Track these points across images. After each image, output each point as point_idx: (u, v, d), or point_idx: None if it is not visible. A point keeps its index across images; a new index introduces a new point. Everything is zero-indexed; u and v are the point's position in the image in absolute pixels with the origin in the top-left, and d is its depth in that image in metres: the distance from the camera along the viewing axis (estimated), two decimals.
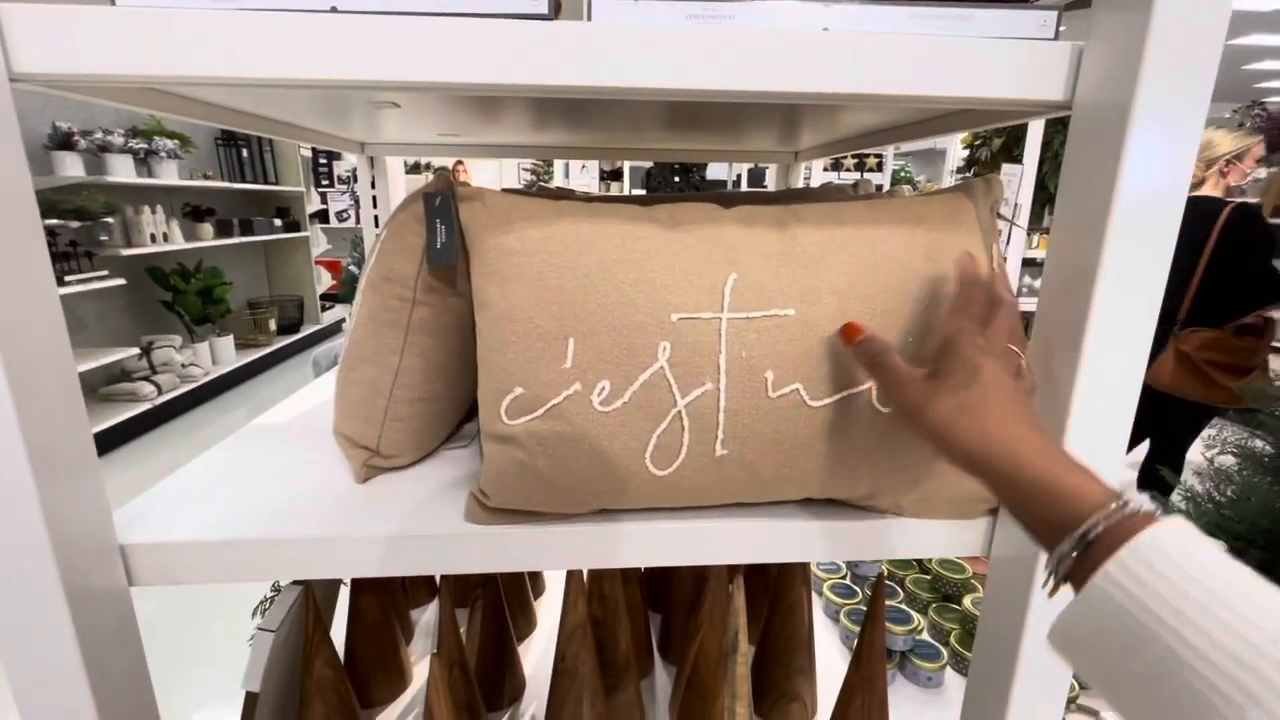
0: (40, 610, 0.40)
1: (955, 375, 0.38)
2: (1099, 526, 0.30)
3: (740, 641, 0.61)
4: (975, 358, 0.38)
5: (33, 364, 0.38)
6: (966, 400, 0.37)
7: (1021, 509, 0.34)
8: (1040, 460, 0.34)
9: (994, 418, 0.36)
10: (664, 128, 0.83)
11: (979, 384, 0.37)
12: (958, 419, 0.37)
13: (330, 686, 0.69)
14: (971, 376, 0.38)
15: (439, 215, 0.52)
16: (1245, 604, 0.26)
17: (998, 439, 0.35)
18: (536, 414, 0.44)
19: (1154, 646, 0.27)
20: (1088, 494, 0.32)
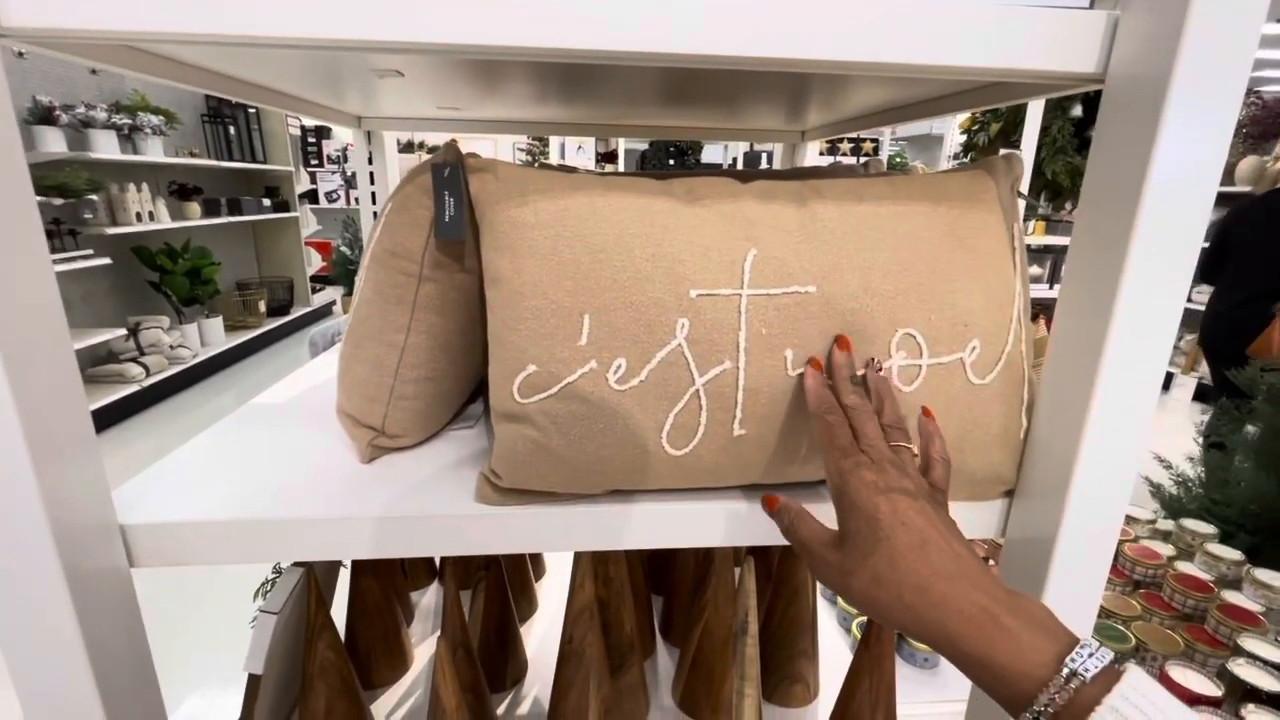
0: (40, 591, 0.38)
1: (857, 535, 0.35)
2: (1049, 709, 0.28)
3: (750, 623, 0.60)
4: (869, 504, 0.35)
5: (28, 341, 0.36)
6: (876, 569, 0.34)
7: (973, 678, 0.32)
8: (971, 630, 0.31)
9: (909, 584, 0.33)
10: (664, 102, 0.81)
11: (883, 542, 0.34)
12: (876, 595, 0.33)
13: (333, 669, 0.69)
14: (873, 533, 0.34)
15: (448, 187, 0.50)
16: None
17: (920, 611, 0.32)
18: (550, 392, 0.43)
19: None
20: (1030, 669, 0.29)
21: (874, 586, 0.33)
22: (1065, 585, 0.47)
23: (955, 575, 0.32)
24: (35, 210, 0.37)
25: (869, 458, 0.37)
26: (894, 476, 0.36)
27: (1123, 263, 0.41)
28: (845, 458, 0.38)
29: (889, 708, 0.64)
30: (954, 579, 0.32)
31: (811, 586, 0.81)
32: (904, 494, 0.35)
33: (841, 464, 0.38)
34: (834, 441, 0.39)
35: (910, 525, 0.34)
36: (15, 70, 3.15)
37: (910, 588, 0.32)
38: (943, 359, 0.46)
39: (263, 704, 0.66)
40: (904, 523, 0.34)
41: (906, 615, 0.32)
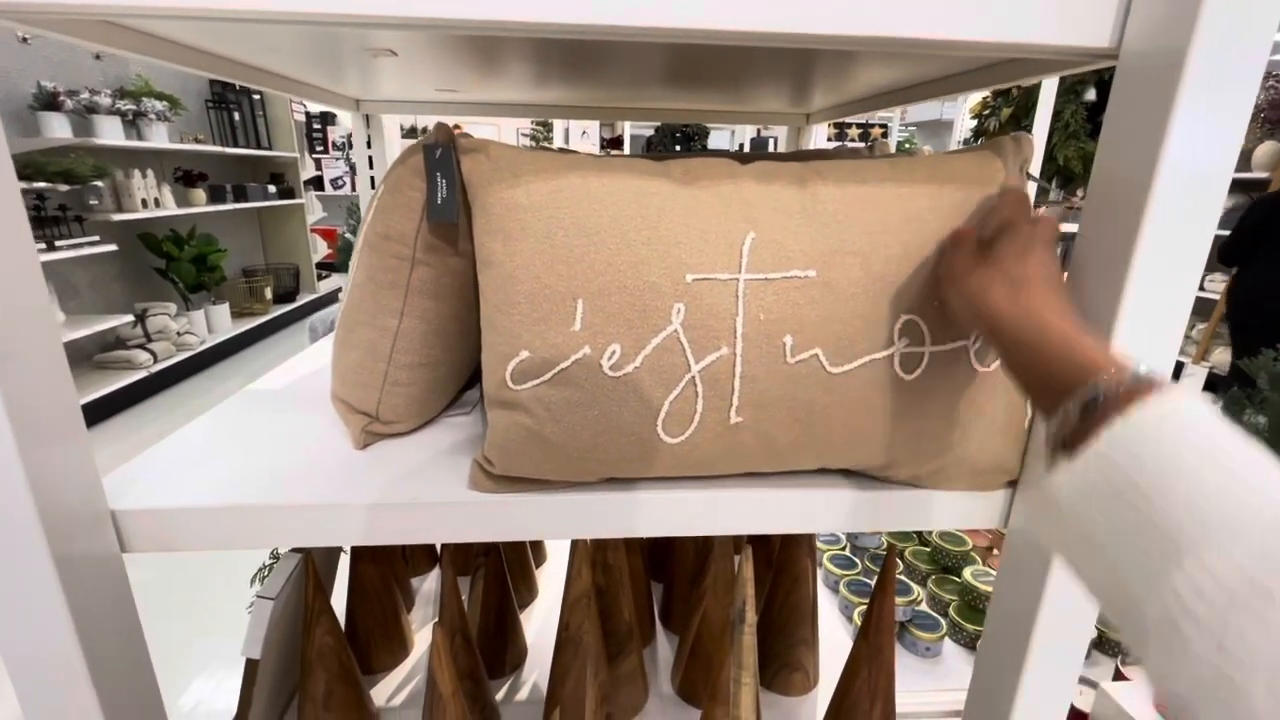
0: (29, 577, 0.38)
1: (1007, 249, 0.40)
2: (1102, 389, 0.31)
3: (748, 612, 0.60)
4: (1028, 239, 0.40)
5: (12, 329, 0.36)
6: (1010, 272, 0.39)
7: (1036, 372, 0.36)
8: (1063, 330, 0.35)
9: (1032, 291, 0.37)
10: (668, 83, 0.79)
11: (1024, 263, 0.39)
12: (994, 288, 0.38)
13: (331, 654, 0.69)
14: (1021, 255, 0.39)
15: (439, 168, 0.49)
16: (1224, 473, 0.26)
17: (1026, 307, 0.37)
18: (544, 378, 0.42)
19: (1124, 508, 0.28)
20: (1099, 361, 0.33)
21: (1000, 282, 0.38)
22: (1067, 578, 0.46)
23: (1067, 309, 0.37)
24: (18, 200, 0.36)
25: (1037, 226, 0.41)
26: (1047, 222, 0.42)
27: (1133, 248, 0.40)
28: (1024, 206, 0.43)
29: (888, 697, 0.63)
30: (1066, 309, 0.37)
31: (812, 575, 0.81)
32: (1048, 236, 0.41)
33: (1019, 212, 0.43)
34: (1019, 205, 0.44)
35: (1048, 269, 0.39)
36: (20, 55, 3.14)
37: (1030, 293, 0.37)
38: (946, 346, 0.44)
39: (261, 688, 0.66)
40: (1045, 265, 0.39)
41: (1010, 305, 0.37)
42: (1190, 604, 0.24)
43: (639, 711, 0.78)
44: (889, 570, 0.62)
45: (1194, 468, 0.27)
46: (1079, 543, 0.30)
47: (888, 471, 0.48)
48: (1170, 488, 0.27)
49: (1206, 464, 0.27)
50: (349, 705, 0.71)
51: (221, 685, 1.68)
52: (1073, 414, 0.32)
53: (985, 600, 1.31)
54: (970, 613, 1.31)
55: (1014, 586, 0.50)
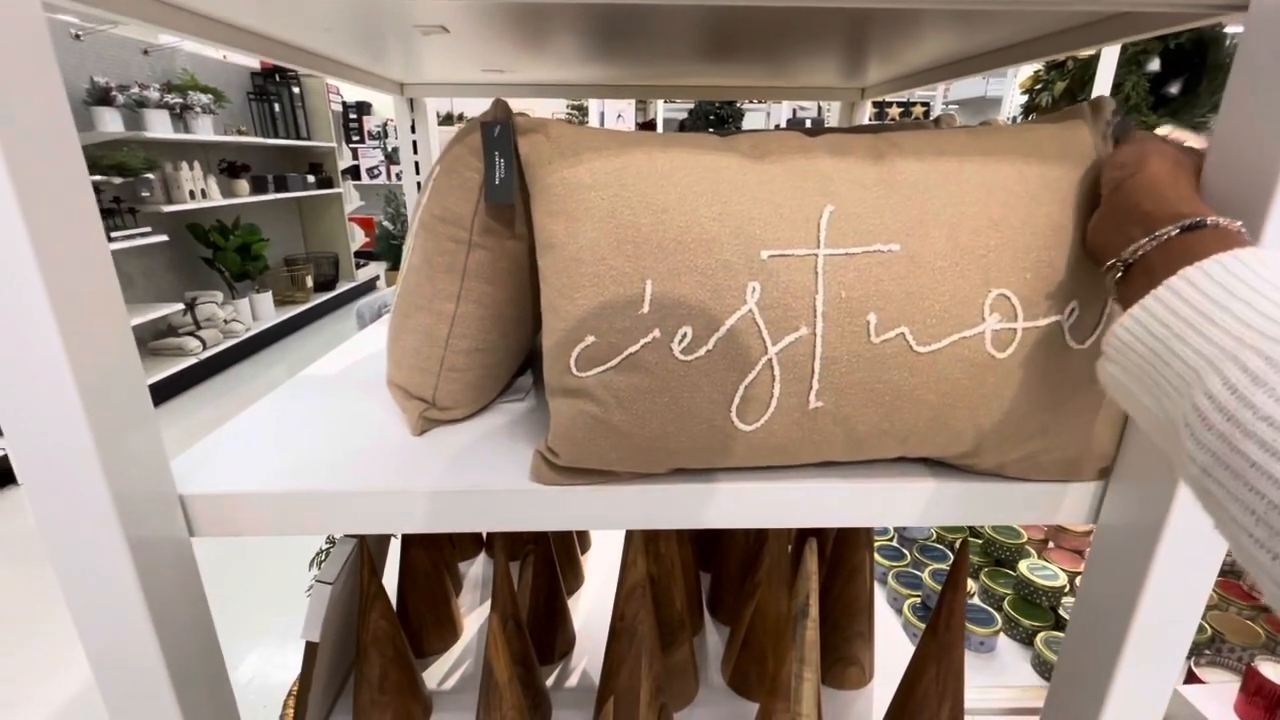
0: (105, 561, 0.39)
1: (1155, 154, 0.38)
2: (1211, 220, 0.32)
3: (811, 607, 0.58)
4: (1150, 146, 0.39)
5: (85, 315, 0.35)
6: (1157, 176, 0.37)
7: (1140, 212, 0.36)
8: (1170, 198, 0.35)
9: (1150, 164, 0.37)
10: (710, 56, 0.76)
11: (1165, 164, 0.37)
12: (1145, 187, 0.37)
13: (386, 638, 0.69)
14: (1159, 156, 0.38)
15: (498, 147, 0.47)
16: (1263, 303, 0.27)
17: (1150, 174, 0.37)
18: (611, 364, 0.41)
19: (1171, 338, 0.29)
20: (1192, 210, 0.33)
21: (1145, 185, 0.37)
22: (1169, 580, 0.43)
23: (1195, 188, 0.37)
24: (90, 191, 0.36)
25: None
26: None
27: (1262, 225, 0.36)
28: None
29: (957, 697, 0.61)
30: (1194, 190, 0.37)
31: (869, 567, 0.78)
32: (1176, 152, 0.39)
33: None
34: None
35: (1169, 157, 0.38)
36: (74, 53, 3.24)
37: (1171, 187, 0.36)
38: (1039, 322, 0.41)
39: (320, 669, 0.67)
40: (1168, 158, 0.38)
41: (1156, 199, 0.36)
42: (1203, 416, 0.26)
43: (690, 702, 0.77)
44: (960, 565, 0.59)
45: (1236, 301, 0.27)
46: (1129, 379, 0.32)
47: (971, 460, 0.45)
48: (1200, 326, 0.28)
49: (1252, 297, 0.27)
50: (403, 688, 0.71)
51: (273, 660, 1.74)
52: (1143, 244, 0.34)
53: (1042, 594, 1.26)
54: (1026, 607, 1.27)
55: (1105, 588, 0.47)
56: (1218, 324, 0.27)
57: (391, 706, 0.70)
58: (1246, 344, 0.26)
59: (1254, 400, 0.24)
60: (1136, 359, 0.31)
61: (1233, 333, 0.27)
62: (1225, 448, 0.25)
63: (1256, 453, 0.24)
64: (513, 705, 0.60)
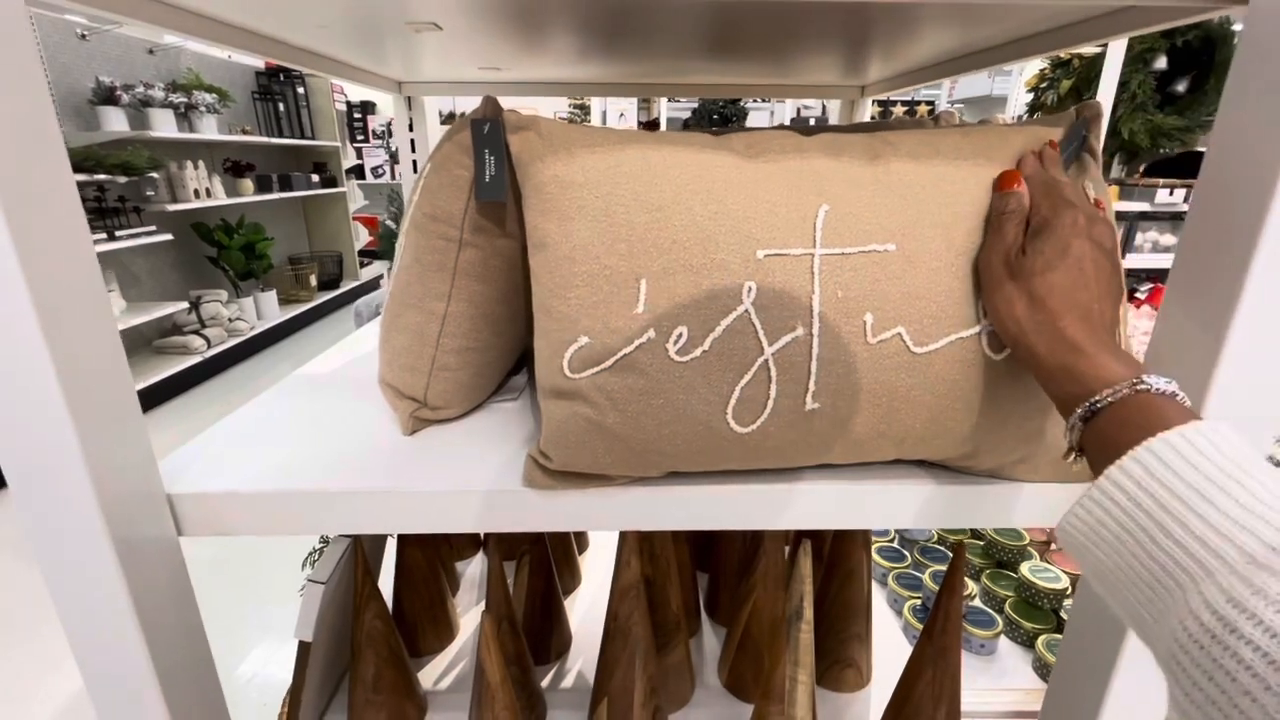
0: (90, 560, 0.38)
1: (1044, 254, 0.37)
2: (1105, 400, 0.32)
3: (805, 609, 0.57)
4: (1070, 242, 0.37)
5: (69, 313, 0.35)
6: (1034, 286, 0.37)
7: (1054, 389, 0.35)
8: (1079, 346, 0.35)
9: (1054, 307, 0.36)
10: (711, 54, 0.75)
11: (1057, 268, 0.37)
12: (1017, 305, 0.37)
13: (380, 638, 0.69)
14: (1059, 255, 0.37)
15: (488, 144, 0.47)
16: (1238, 491, 0.25)
17: (1049, 327, 0.36)
18: (604, 365, 0.40)
19: (1139, 536, 0.27)
20: (1108, 372, 0.33)
21: (1026, 303, 0.37)
22: None
23: (1089, 315, 0.36)
24: (74, 189, 0.36)
25: (1084, 209, 0.39)
26: (1098, 230, 0.38)
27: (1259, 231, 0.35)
28: (1064, 199, 0.39)
29: (953, 700, 0.60)
30: (1087, 320, 0.36)
31: (867, 569, 0.77)
32: (1098, 228, 0.38)
33: (1059, 200, 0.39)
34: (1055, 186, 0.40)
35: (1083, 262, 0.37)
36: (79, 53, 3.26)
37: (1053, 321, 0.36)
38: None
39: (314, 668, 0.67)
40: (1081, 260, 0.37)
41: (1033, 336, 0.36)
42: (1187, 646, 0.24)
43: (686, 703, 0.77)
44: (957, 568, 0.59)
45: (1200, 499, 0.26)
46: (1094, 578, 0.30)
47: (969, 461, 0.44)
48: (1169, 527, 0.26)
49: (1215, 492, 0.26)
50: (398, 688, 0.71)
51: (275, 656, 1.74)
52: (1075, 426, 0.33)
53: (1044, 597, 1.25)
54: (1027, 609, 1.26)
55: None
56: (1204, 513, 0.25)
57: (386, 706, 0.70)
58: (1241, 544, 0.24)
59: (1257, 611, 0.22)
60: (1110, 536, 0.29)
61: (1222, 529, 0.25)
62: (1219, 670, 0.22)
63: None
64: (505, 706, 0.60)
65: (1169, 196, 2.90)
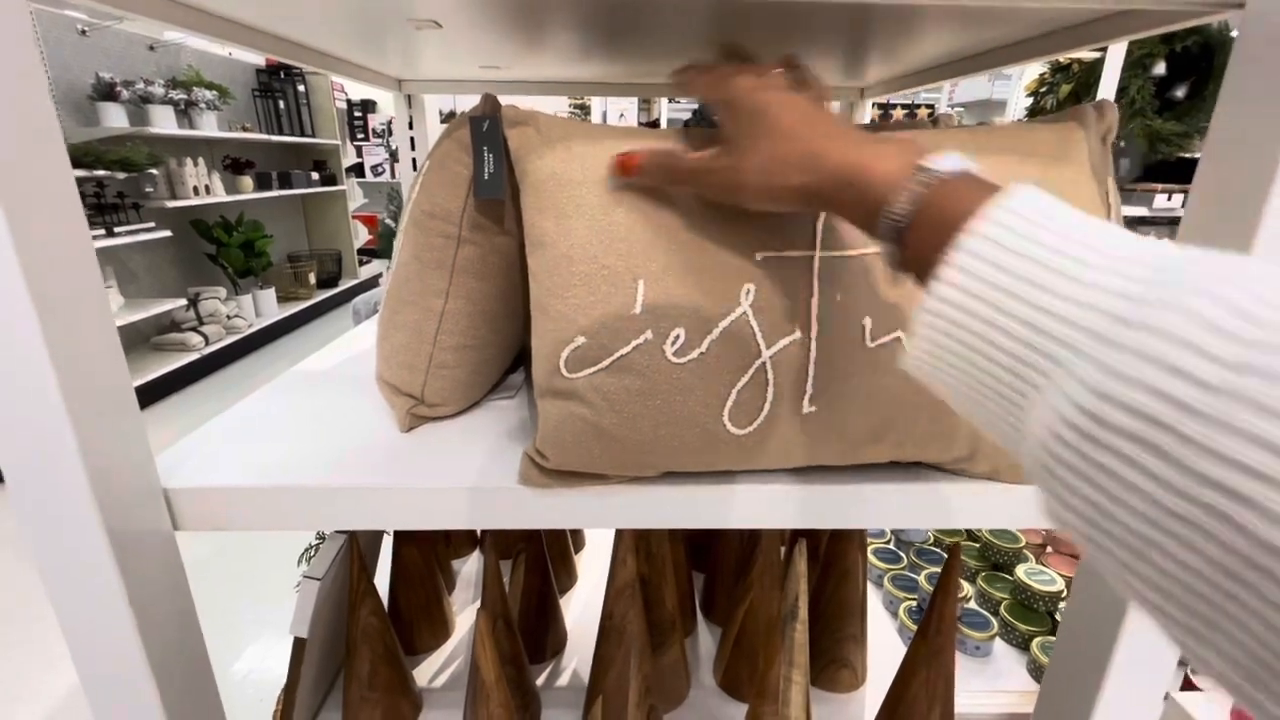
0: (86, 554, 0.38)
1: (746, 130, 0.35)
2: (901, 208, 0.29)
3: (800, 608, 0.57)
4: (754, 100, 0.35)
5: (65, 306, 0.35)
6: (771, 149, 0.34)
7: (850, 213, 0.32)
8: (850, 160, 0.31)
9: (799, 150, 0.33)
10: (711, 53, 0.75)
11: (771, 124, 0.34)
12: (771, 173, 0.34)
13: (376, 635, 0.69)
14: (761, 120, 0.35)
15: (486, 142, 0.47)
16: (1065, 264, 0.23)
17: (812, 169, 0.32)
18: (601, 365, 0.40)
19: (983, 347, 0.24)
20: (886, 171, 0.30)
21: (770, 165, 0.34)
22: None
23: (839, 135, 0.33)
24: (72, 183, 0.36)
25: (754, 74, 0.37)
26: (774, 81, 0.37)
27: (1257, 223, 0.35)
28: (730, 77, 0.37)
29: (947, 701, 0.60)
30: (837, 136, 0.33)
31: (863, 570, 0.78)
32: (784, 90, 0.36)
33: (725, 81, 0.37)
34: (719, 72, 0.38)
35: (794, 105, 0.35)
36: (79, 49, 3.25)
37: (800, 153, 0.33)
38: None
39: (309, 665, 0.67)
40: (787, 105, 0.35)
41: (800, 178, 0.33)
42: (1057, 452, 0.21)
43: (681, 703, 0.77)
44: (952, 570, 0.59)
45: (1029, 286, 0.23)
46: (955, 404, 0.28)
47: (966, 464, 0.44)
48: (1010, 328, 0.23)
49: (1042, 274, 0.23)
50: (393, 685, 0.71)
51: (271, 652, 1.74)
52: (892, 254, 0.30)
53: (1039, 599, 1.25)
54: (1023, 611, 1.26)
55: (1098, 588, 0.47)
56: (1039, 301, 0.23)
57: (381, 703, 0.70)
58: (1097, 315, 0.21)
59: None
60: (954, 358, 0.26)
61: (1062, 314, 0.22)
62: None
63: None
64: (500, 704, 0.60)
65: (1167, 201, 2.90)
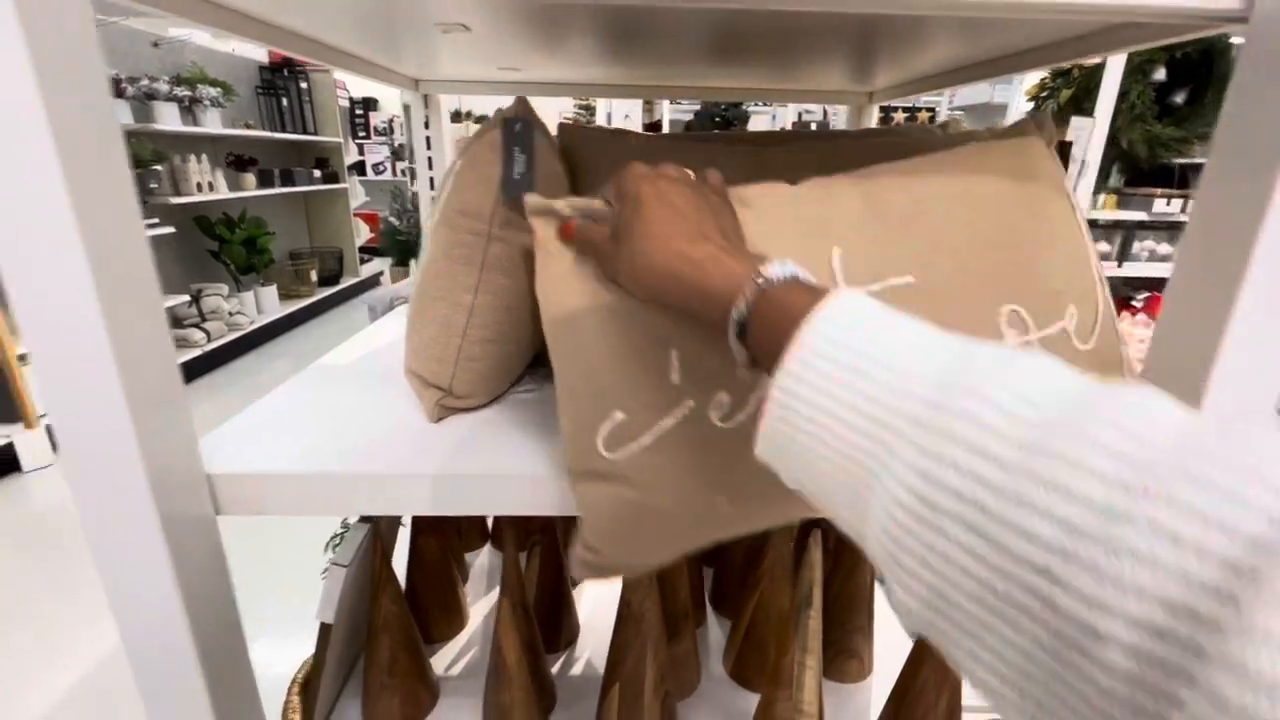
0: (139, 536, 0.40)
1: (625, 218, 0.36)
2: (743, 311, 0.30)
3: (814, 596, 0.59)
4: (635, 189, 0.36)
5: (124, 294, 0.37)
6: (637, 243, 0.35)
7: (702, 318, 0.33)
8: (697, 271, 0.33)
9: (661, 248, 0.34)
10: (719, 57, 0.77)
11: (643, 217, 0.35)
12: (636, 266, 0.35)
13: (396, 623, 0.71)
14: (636, 211, 0.36)
15: (518, 143, 0.49)
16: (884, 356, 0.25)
17: (671, 270, 0.34)
18: (645, 441, 0.39)
19: (821, 439, 0.26)
20: (731, 278, 0.32)
21: (637, 258, 0.35)
22: None
23: (698, 237, 0.34)
24: (128, 172, 0.37)
25: (640, 170, 0.38)
26: (665, 171, 0.38)
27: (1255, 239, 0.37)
28: (629, 165, 0.39)
29: (955, 687, 0.62)
30: (697, 240, 0.34)
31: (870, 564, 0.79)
32: (668, 180, 0.37)
33: (622, 169, 0.39)
34: (615, 179, 0.39)
35: (669, 198, 0.36)
36: None
37: (660, 258, 0.34)
38: (1049, 330, 0.43)
39: (333, 651, 0.68)
40: (665, 197, 0.36)
41: (657, 284, 0.34)
42: (896, 535, 0.22)
43: (692, 692, 0.79)
44: None
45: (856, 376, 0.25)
46: (803, 494, 0.29)
47: None
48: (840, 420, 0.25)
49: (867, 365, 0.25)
50: (412, 673, 0.73)
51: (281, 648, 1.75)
52: (738, 350, 0.32)
53: None
54: None
55: None
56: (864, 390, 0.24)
57: (400, 690, 0.72)
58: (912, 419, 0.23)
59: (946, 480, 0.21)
60: (798, 450, 0.27)
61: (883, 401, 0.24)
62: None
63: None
64: (521, 688, 0.62)
65: (1166, 206, 2.93)
